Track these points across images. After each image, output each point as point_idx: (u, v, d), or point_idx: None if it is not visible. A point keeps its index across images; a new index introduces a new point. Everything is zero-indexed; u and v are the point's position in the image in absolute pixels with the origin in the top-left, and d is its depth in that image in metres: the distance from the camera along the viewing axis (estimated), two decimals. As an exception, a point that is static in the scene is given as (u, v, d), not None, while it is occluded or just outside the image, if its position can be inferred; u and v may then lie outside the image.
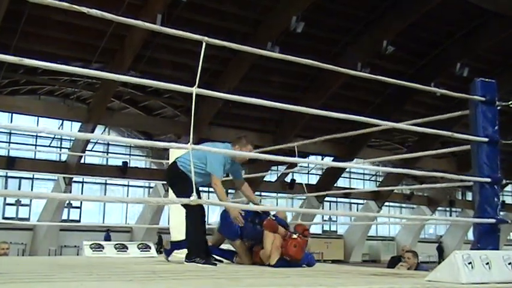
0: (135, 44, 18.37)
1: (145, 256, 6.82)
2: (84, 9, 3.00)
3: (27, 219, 21.75)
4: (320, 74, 22.31)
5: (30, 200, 22.24)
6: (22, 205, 22.18)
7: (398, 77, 5.38)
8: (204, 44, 3.40)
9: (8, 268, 4.49)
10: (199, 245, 5.30)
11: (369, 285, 3.25)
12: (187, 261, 5.11)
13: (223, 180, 5.45)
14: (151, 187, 25.53)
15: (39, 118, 21.40)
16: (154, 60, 19.94)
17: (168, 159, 6.61)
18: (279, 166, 26.21)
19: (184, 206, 5.00)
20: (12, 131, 22.13)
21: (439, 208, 33.35)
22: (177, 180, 5.23)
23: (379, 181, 32.02)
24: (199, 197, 5.07)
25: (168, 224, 7.10)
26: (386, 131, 21.34)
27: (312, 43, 20.83)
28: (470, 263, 3.15)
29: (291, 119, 23.70)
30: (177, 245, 6.08)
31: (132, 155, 26.02)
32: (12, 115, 21.24)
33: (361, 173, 31.92)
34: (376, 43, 21.27)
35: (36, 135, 22.52)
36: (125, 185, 25.79)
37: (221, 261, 5.83)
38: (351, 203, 31.93)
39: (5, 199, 21.90)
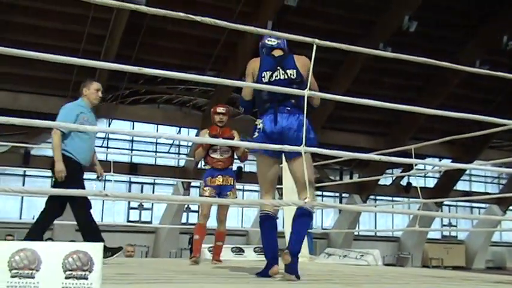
0: (247, 51, 18.71)
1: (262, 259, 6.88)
2: (198, 18, 3.11)
3: (150, 223, 22.72)
4: (436, 73, 21.50)
5: (152, 204, 23.29)
6: (144, 209, 23.24)
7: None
8: (314, 47, 3.42)
9: (133, 269, 4.75)
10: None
11: (494, 294, 3.08)
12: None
13: None
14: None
15: (158, 126, 22.43)
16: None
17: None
18: (394, 169, 25.56)
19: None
20: (134, 139, 23.32)
21: None
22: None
23: (502, 184, 30.22)
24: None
25: (283, 227, 6.54)
26: (509, 130, 20.15)
27: (426, 42, 20.17)
28: None
29: (404, 121, 23.04)
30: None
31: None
32: (133, 123, 22.37)
33: (482, 176, 30.28)
34: (495, 39, 20.18)
35: (156, 142, 23.58)
36: (240, 190, 26.35)
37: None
38: (472, 207, 30.38)
39: (129, 203, 23.01)
